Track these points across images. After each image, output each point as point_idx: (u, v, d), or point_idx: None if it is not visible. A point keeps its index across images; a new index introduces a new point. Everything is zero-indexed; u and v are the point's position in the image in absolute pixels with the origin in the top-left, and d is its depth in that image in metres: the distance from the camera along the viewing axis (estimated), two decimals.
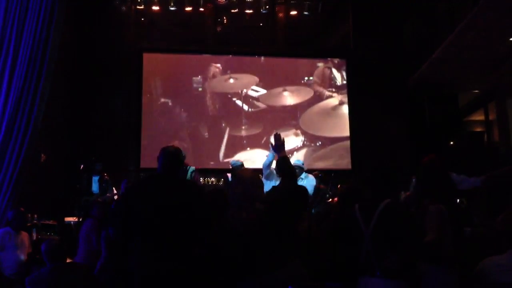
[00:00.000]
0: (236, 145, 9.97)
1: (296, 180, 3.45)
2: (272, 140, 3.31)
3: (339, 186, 6.98)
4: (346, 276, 2.98)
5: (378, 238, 2.89)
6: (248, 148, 10.00)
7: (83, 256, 5.33)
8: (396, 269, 2.80)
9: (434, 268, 3.03)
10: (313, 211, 5.81)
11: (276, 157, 3.27)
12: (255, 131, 10.09)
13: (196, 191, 3.23)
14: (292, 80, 10.33)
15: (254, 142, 10.03)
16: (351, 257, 2.98)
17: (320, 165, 9.73)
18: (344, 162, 9.97)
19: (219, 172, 9.56)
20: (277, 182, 5.52)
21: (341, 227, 3.06)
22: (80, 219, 6.96)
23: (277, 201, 2.98)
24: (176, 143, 9.47)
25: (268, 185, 5.07)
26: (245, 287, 2.83)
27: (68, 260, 4.20)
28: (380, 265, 2.83)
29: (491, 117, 9.85)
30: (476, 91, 10.01)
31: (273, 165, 6.68)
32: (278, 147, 3.24)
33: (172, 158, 3.24)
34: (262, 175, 6.15)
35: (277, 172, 3.45)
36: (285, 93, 10.27)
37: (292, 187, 3.22)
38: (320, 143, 10.16)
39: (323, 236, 3.84)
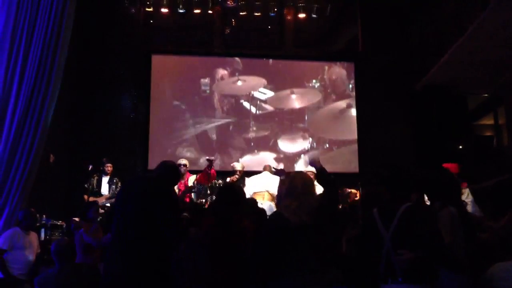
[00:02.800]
0: (244, 148, 9.98)
1: (336, 189, 3.51)
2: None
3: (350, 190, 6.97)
4: (360, 281, 2.95)
5: (399, 242, 2.83)
6: (256, 151, 10.00)
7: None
8: (415, 269, 2.75)
9: (446, 272, 2.99)
10: None
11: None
12: (263, 133, 10.09)
13: (166, 197, 3.33)
14: (300, 83, 10.33)
15: (262, 145, 10.03)
16: (368, 262, 2.95)
17: (327, 168, 9.52)
18: (351, 165, 9.94)
19: (226, 174, 9.56)
20: None
21: (362, 232, 3.05)
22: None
23: (326, 207, 3.04)
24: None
25: None
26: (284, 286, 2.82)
27: None
28: (402, 270, 2.78)
29: (500, 121, 9.78)
30: (486, 95, 9.95)
31: None
32: (313, 163, 3.45)
33: (168, 171, 3.45)
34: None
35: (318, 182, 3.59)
36: (293, 96, 10.27)
37: (335, 194, 3.29)
38: (327, 146, 10.15)
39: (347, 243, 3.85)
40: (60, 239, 5.31)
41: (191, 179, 7.41)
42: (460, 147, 9.53)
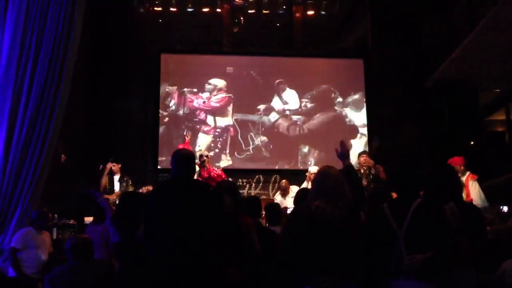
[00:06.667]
0: (253, 146, 9.97)
1: (362, 189, 3.40)
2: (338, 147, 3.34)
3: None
4: (367, 277, 2.91)
5: (412, 238, 2.79)
6: (266, 149, 9.97)
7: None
8: (428, 269, 2.73)
9: (456, 269, 2.95)
10: None
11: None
12: (272, 131, 10.06)
13: (208, 194, 3.31)
14: (309, 81, 10.27)
15: (273, 143, 9.99)
16: (376, 258, 2.91)
17: (338, 166, 9.65)
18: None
19: (238, 173, 9.59)
20: None
21: (370, 228, 3.00)
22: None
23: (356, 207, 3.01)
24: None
25: None
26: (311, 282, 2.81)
27: None
28: (411, 265, 2.74)
29: None
30: (497, 90, 9.85)
31: None
32: (344, 155, 3.27)
33: (185, 161, 3.32)
34: None
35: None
36: (302, 94, 10.22)
37: (360, 196, 3.21)
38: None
39: None
40: (76, 235, 5.30)
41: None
42: (472, 142, 9.46)
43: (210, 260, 3.12)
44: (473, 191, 6.26)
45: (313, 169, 7.50)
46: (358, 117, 10.14)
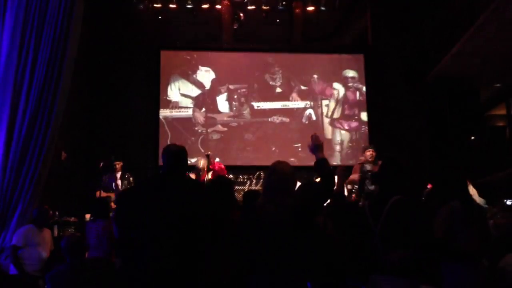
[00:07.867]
0: (254, 144, 9.96)
1: (334, 182, 3.26)
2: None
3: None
4: (362, 272, 2.91)
5: (386, 235, 2.80)
6: (267, 146, 9.97)
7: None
8: (404, 266, 2.72)
9: (455, 267, 2.95)
10: None
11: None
12: (273, 128, 10.03)
13: (198, 191, 3.22)
14: (310, 77, 10.25)
15: (273, 140, 9.98)
16: (365, 254, 2.91)
17: (338, 161, 9.66)
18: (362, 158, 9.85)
19: (239, 169, 9.58)
20: None
21: (352, 223, 2.99)
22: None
23: (310, 200, 2.92)
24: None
25: None
26: (256, 283, 2.79)
27: None
28: (387, 262, 2.75)
29: None
30: (498, 85, 9.83)
31: None
32: (315, 149, 3.13)
33: (175, 157, 3.22)
34: None
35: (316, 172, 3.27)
36: (304, 89, 10.21)
37: (330, 189, 3.09)
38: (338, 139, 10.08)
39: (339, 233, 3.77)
40: (71, 235, 5.33)
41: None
42: (472, 137, 9.45)
43: (200, 257, 3.03)
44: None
45: None
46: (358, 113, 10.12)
